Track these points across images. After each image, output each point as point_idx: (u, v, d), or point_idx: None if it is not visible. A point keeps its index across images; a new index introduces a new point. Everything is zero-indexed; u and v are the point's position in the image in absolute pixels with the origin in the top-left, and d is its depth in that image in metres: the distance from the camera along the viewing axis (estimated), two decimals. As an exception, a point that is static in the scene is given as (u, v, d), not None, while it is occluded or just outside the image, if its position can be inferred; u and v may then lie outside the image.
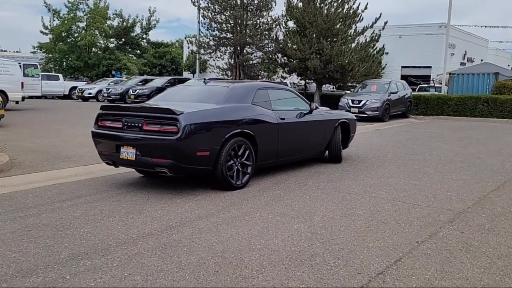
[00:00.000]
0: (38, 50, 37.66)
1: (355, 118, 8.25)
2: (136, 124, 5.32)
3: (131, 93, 24.20)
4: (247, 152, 5.75)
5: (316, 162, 7.66)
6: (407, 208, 4.89)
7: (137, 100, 23.74)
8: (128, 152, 5.37)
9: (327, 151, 7.62)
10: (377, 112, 16.39)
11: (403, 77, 30.93)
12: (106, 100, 26.24)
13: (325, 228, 4.16)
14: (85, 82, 32.40)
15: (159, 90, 24.06)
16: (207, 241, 3.81)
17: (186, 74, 40.48)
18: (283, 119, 6.37)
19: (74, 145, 9.12)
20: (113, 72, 38.20)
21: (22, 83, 16.97)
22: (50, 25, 36.62)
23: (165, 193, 5.46)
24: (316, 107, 7.09)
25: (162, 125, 5.14)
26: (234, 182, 5.59)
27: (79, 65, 36.06)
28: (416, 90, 25.46)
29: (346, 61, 21.00)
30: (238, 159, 5.66)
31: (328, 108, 8.38)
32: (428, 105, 20.74)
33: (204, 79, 6.52)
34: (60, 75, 30.56)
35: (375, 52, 23.17)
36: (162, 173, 5.22)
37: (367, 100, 16.61)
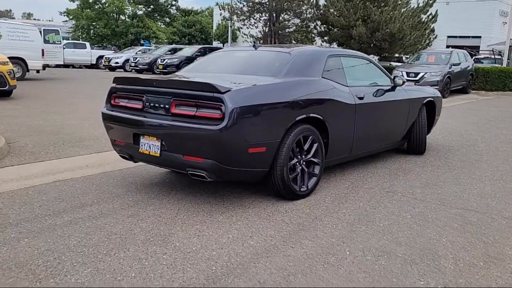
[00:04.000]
0: (65, 16, 36.48)
1: (440, 95, 6.40)
2: (162, 105, 3.70)
3: (159, 63, 22.67)
4: (316, 145, 4.08)
5: (390, 153, 5.92)
6: None
7: (165, 70, 22.23)
8: (150, 145, 3.77)
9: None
10: (437, 87, 14.23)
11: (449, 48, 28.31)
12: (133, 70, 24.86)
13: (474, 292, 2.48)
14: (113, 51, 31.10)
15: (189, 60, 22.45)
16: (279, 317, 2.21)
17: (215, 44, 38.67)
18: (361, 98, 4.63)
19: (90, 123, 7.64)
20: (142, 41, 36.77)
21: (43, 50, 15.61)
22: (77, -9, 35.27)
23: (202, 201, 3.88)
24: (403, 82, 5.30)
25: (199, 107, 3.49)
26: (298, 188, 3.95)
27: (106, 33, 34.76)
28: (471, 62, 22.91)
29: (396, 29, 18.77)
30: (303, 156, 4.01)
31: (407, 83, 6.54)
32: (488, 79, 18.37)
33: (254, 42, 4.79)
34: (87, 44, 29.37)
35: (428, 18, 20.68)
36: (197, 176, 3.61)
37: (426, 73, 14.46)
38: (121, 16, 35.78)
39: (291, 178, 3.87)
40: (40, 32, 16.20)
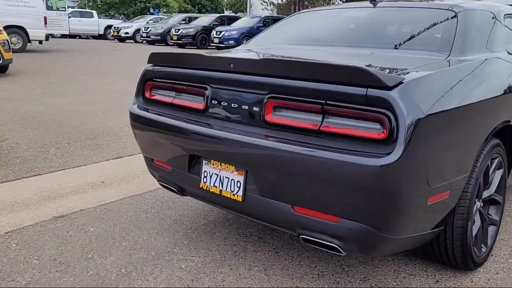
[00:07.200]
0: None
1: None
2: (246, 107, 1.96)
3: (174, 33, 20.70)
4: (500, 172, 2.34)
5: None
6: None
7: (180, 42, 20.31)
8: (223, 178, 2.05)
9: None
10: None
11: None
12: (144, 41, 22.99)
13: None
14: (121, 20, 29.15)
15: (206, 29, 20.52)
16: None
17: (227, 14, 36.63)
18: (548, 87, 2.86)
19: (103, 109, 5.96)
20: (151, 10, 34.70)
21: (45, 18, 13.79)
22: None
23: (310, 274, 2.19)
24: None
25: (329, 115, 1.74)
26: (478, 252, 2.23)
27: (114, 1, 32.64)
28: None
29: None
30: (483, 194, 2.27)
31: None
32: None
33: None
34: (94, 12, 27.43)
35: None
36: (321, 246, 1.89)
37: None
38: (129, -18, 33.63)
39: (474, 237, 2.16)
40: (42, -4, 14.33)
